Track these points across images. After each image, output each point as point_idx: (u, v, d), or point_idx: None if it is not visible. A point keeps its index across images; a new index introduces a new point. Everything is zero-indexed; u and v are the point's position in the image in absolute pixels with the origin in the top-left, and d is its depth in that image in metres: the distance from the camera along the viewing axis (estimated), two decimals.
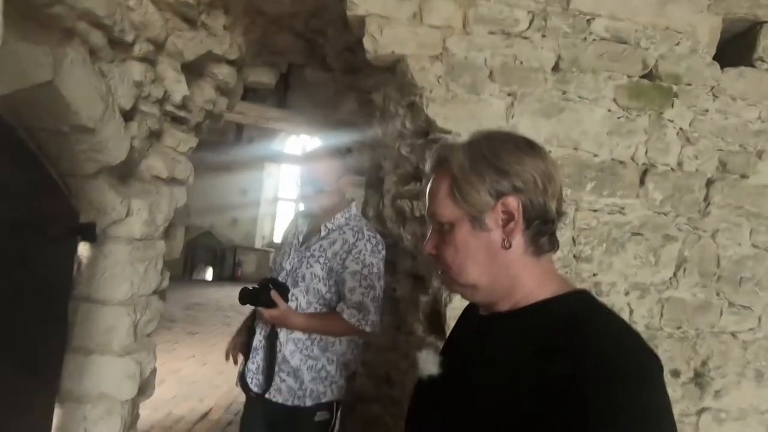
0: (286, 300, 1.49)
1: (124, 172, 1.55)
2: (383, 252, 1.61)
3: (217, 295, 7.29)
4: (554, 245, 0.68)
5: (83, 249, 1.48)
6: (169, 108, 1.67)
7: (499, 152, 0.64)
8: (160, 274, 1.67)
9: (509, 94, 1.58)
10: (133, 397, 1.53)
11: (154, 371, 1.74)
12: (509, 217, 0.63)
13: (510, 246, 0.64)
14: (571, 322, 0.60)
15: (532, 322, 0.63)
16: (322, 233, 1.60)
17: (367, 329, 1.54)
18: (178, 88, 1.64)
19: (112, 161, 1.37)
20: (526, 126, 1.56)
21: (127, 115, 1.45)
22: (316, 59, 2.09)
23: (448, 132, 1.55)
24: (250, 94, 6.58)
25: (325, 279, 1.56)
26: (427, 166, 0.73)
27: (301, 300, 1.56)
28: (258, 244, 9.26)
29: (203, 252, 8.78)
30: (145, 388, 1.69)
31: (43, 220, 1.33)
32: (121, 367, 1.49)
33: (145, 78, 1.48)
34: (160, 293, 1.76)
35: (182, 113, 1.73)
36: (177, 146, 1.77)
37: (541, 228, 0.64)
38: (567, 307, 0.63)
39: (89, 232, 1.46)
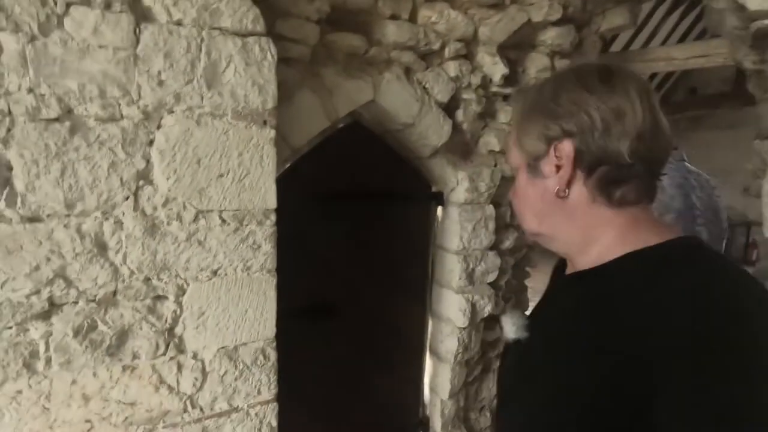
0: None
1: (464, 150, 1.96)
2: None
3: None
4: (641, 196, 0.57)
5: (439, 211, 2.03)
6: (494, 89, 1.90)
7: (558, 92, 0.58)
8: (494, 233, 1.96)
9: None
10: (465, 326, 1.93)
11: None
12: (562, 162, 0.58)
13: (567, 194, 0.58)
14: (662, 277, 0.49)
15: (608, 282, 0.55)
16: None
17: None
18: (496, 69, 1.84)
19: (436, 144, 1.82)
20: None
21: (451, 106, 1.84)
22: None
23: None
24: None
25: None
26: None
27: None
28: None
29: None
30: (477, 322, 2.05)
31: (410, 190, 1.98)
32: (456, 301, 1.93)
33: (461, 72, 1.80)
34: (501, 251, 2.03)
35: (508, 90, 1.91)
36: (510, 121, 1.97)
37: (612, 174, 0.56)
38: (656, 257, 0.52)
39: (439, 199, 2.00)
